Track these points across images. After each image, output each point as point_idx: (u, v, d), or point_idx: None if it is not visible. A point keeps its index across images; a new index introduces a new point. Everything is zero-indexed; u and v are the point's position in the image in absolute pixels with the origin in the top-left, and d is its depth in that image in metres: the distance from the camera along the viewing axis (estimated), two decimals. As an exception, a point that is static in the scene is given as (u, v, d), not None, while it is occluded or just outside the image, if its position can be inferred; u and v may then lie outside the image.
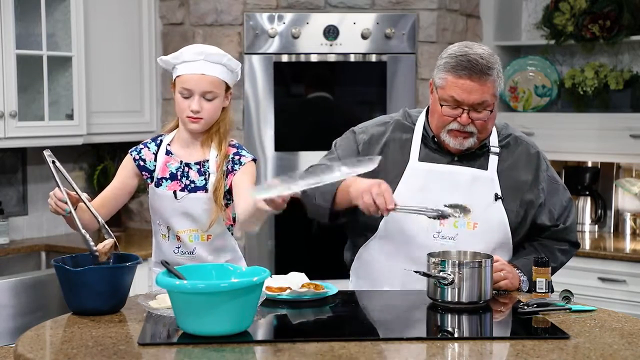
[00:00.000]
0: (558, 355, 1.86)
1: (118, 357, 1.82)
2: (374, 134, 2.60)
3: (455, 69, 2.39)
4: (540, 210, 2.56)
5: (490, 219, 2.49)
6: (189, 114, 2.50)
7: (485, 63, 2.38)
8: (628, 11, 4.31)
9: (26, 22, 3.83)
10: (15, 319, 3.42)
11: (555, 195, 2.60)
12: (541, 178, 2.56)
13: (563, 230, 2.62)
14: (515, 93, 4.71)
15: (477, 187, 2.50)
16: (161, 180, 2.56)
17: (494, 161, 2.53)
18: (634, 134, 4.21)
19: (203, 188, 2.53)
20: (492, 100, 2.43)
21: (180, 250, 2.58)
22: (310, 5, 4.21)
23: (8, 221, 4.02)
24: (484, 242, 2.47)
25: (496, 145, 2.55)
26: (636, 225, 4.44)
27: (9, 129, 3.68)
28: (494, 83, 2.41)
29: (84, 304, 2.16)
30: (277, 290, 2.33)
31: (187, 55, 2.51)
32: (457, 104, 2.42)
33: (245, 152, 2.59)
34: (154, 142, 2.62)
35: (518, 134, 2.63)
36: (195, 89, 2.49)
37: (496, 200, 2.49)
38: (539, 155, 2.60)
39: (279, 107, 4.20)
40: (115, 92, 4.21)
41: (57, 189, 2.39)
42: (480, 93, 2.39)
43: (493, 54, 2.45)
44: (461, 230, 2.47)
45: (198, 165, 2.56)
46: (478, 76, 2.37)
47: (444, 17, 4.31)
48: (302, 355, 1.84)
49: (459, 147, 2.48)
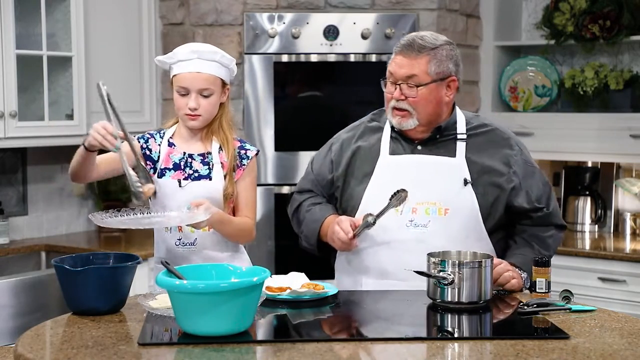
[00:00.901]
0: (558, 355, 1.86)
1: (118, 357, 1.82)
2: (345, 139, 2.73)
3: (396, 47, 2.58)
4: (516, 194, 2.59)
5: (461, 204, 2.53)
6: (187, 111, 2.57)
7: (421, 42, 2.52)
8: (628, 11, 4.31)
9: (26, 22, 3.83)
10: (15, 319, 3.42)
11: (532, 178, 2.63)
12: (512, 162, 2.60)
13: (547, 215, 2.65)
14: (515, 93, 4.72)
15: (445, 173, 2.56)
16: (164, 171, 2.60)
17: (461, 147, 2.59)
18: (634, 134, 4.21)
19: (207, 177, 2.59)
20: (424, 77, 2.52)
21: (181, 242, 2.60)
22: (310, 5, 4.21)
23: (8, 221, 4.02)
24: (456, 227, 2.52)
25: (463, 132, 2.61)
26: (636, 225, 4.44)
27: (9, 129, 3.68)
28: (428, 62, 2.51)
29: (84, 304, 2.16)
30: (277, 290, 2.33)
31: (181, 55, 2.58)
32: (392, 78, 2.55)
33: (248, 145, 2.69)
34: (158, 134, 2.67)
35: (488, 122, 2.69)
36: (191, 87, 2.56)
37: (465, 184, 2.54)
38: (510, 140, 2.64)
39: (279, 107, 4.21)
40: (115, 92, 4.17)
41: (108, 123, 2.37)
42: (410, 67, 2.52)
43: (442, 40, 2.56)
44: (433, 217, 2.52)
45: (201, 156, 2.62)
46: (409, 52, 2.52)
47: (444, 17, 4.31)
48: (302, 355, 1.84)
49: (399, 126, 2.57)
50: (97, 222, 2.37)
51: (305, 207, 2.74)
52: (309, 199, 2.75)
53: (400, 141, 2.63)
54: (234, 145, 2.64)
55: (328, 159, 2.73)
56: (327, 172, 2.72)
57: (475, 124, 2.65)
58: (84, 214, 4.42)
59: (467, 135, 2.61)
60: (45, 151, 4.18)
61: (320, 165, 2.75)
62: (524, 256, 2.56)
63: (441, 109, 2.59)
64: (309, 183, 2.77)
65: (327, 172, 2.72)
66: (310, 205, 2.73)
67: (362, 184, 2.60)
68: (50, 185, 4.27)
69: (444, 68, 2.54)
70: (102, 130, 2.35)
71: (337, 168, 2.68)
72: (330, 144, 2.77)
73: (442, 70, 2.53)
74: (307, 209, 2.72)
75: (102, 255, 2.33)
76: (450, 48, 2.56)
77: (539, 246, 2.62)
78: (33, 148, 4.10)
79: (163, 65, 2.64)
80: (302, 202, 2.76)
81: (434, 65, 2.52)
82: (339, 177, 2.67)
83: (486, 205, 2.55)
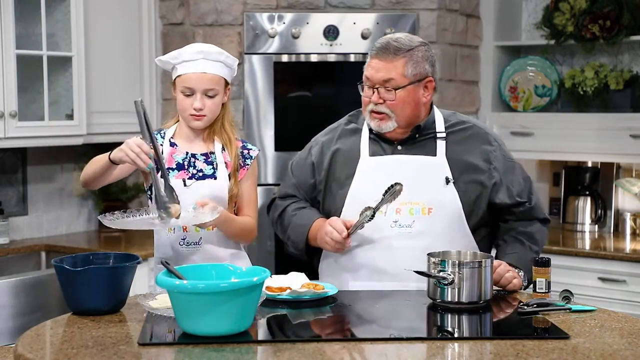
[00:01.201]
0: (558, 355, 1.86)
1: (118, 357, 1.82)
2: (324, 142, 2.71)
3: (371, 51, 2.57)
4: (497, 189, 2.59)
5: (443, 202, 2.53)
6: (192, 111, 2.57)
7: (396, 45, 2.52)
8: (628, 11, 4.31)
9: (26, 22, 3.83)
10: (15, 319, 3.42)
11: (512, 173, 2.63)
12: (492, 158, 2.60)
13: (530, 209, 2.65)
14: (515, 93, 4.72)
15: (426, 173, 2.55)
16: (168, 171, 2.57)
17: (441, 146, 2.58)
18: (634, 134, 4.21)
19: (212, 176, 2.60)
20: (401, 80, 2.51)
21: (185, 242, 2.60)
22: (310, 5, 4.21)
23: (8, 221, 4.02)
24: (440, 226, 2.52)
25: (442, 131, 2.60)
26: (636, 225, 4.44)
27: (9, 129, 3.68)
28: (405, 65, 2.51)
29: (84, 304, 2.16)
30: (277, 290, 2.33)
31: (186, 55, 2.57)
32: (369, 82, 2.54)
33: (249, 144, 2.71)
34: (158, 134, 2.65)
35: (466, 119, 2.69)
36: (197, 87, 2.55)
37: (447, 183, 2.54)
38: (488, 136, 2.64)
39: (279, 107, 4.20)
40: (115, 92, 4.20)
41: (143, 141, 2.37)
42: (386, 71, 2.51)
43: (417, 41, 2.55)
44: (417, 217, 2.52)
45: (204, 156, 2.62)
46: (385, 55, 2.51)
47: (444, 17, 4.31)
48: (302, 355, 1.84)
49: (378, 129, 2.57)
50: (106, 224, 2.37)
51: (289, 212, 2.71)
52: (293, 204, 2.72)
53: (379, 142, 2.62)
54: (237, 145, 2.65)
55: (309, 163, 2.70)
56: (308, 177, 2.70)
57: (453, 121, 2.64)
58: (84, 214, 4.42)
59: (446, 133, 2.60)
60: (45, 151, 4.19)
61: (300, 169, 2.73)
62: (517, 254, 2.57)
63: (419, 110, 2.58)
64: (291, 188, 2.75)
65: (308, 177, 2.70)
66: (295, 210, 2.70)
67: (343, 187, 2.59)
68: (50, 185, 4.27)
69: (421, 69, 2.53)
70: (136, 148, 2.35)
71: (319, 172, 2.67)
72: (309, 147, 2.75)
73: (418, 72, 2.53)
74: (293, 214, 2.69)
75: (102, 255, 2.33)
76: (425, 49, 2.56)
77: (529, 242, 2.62)
78: (33, 148, 4.10)
79: (165, 65, 2.63)
80: (285, 208, 2.73)
81: (411, 67, 2.51)
82: (321, 181, 2.66)
83: (469, 202, 2.55)
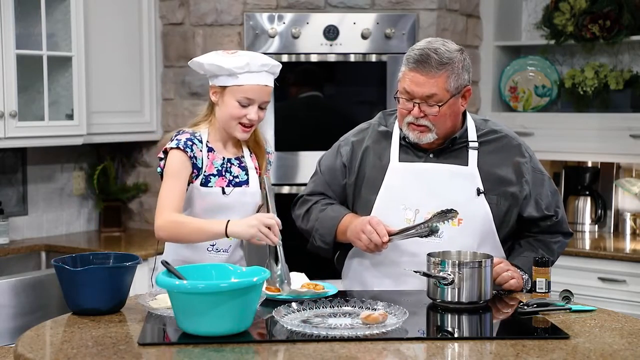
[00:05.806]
0: (558, 355, 1.86)
1: (118, 357, 1.83)
2: (355, 142, 2.66)
3: (409, 62, 2.46)
4: (526, 203, 2.57)
5: (474, 213, 2.50)
6: (245, 121, 2.53)
7: (437, 58, 2.42)
8: (628, 11, 4.31)
9: (26, 22, 3.83)
10: (15, 319, 3.42)
11: (541, 186, 2.61)
12: (524, 170, 2.56)
13: (556, 223, 2.63)
14: (515, 93, 4.71)
15: (458, 183, 2.51)
16: (209, 177, 2.54)
17: (473, 156, 2.54)
18: (634, 134, 4.21)
19: (246, 182, 2.60)
20: (444, 95, 2.44)
21: (215, 248, 2.58)
22: (310, 5, 4.21)
23: (8, 221, 4.02)
24: (470, 237, 2.49)
25: (475, 140, 2.56)
26: (636, 225, 4.44)
27: (9, 129, 3.68)
28: (447, 79, 2.44)
29: (84, 304, 2.16)
30: (277, 290, 2.33)
31: (253, 67, 2.51)
32: (408, 96, 2.47)
33: (268, 147, 2.72)
34: (195, 139, 2.55)
35: (498, 128, 2.63)
36: (258, 99, 2.53)
37: (478, 194, 2.51)
38: (521, 147, 2.60)
39: (279, 107, 4.20)
40: (115, 92, 4.20)
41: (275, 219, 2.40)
42: (429, 86, 2.43)
43: (454, 51, 2.47)
44: (447, 227, 2.47)
45: (237, 160, 2.61)
46: (427, 70, 2.42)
47: (444, 17, 4.31)
48: (302, 355, 1.84)
49: (417, 140, 2.51)
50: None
51: (319, 206, 2.67)
52: (322, 200, 2.69)
53: (410, 148, 2.57)
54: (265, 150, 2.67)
55: (339, 163, 2.67)
56: (340, 177, 2.67)
57: (485, 130, 2.59)
58: (84, 214, 4.42)
59: (479, 142, 2.56)
60: (45, 151, 4.19)
61: (331, 169, 2.69)
62: (527, 258, 2.54)
63: (457, 120, 2.54)
64: (320, 186, 2.71)
65: (340, 177, 2.67)
66: (325, 204, 2.67)
67: (373, 192, 2.55)
68: (50, 185, 4.27)
69: (462, 81, 2.47)
70: (265, 230, 2.38)
71: (349, 174, 2.64)
72: (338, 147, 2.71)
73: (460, 84, 2.47)
74: (322, 208, 2.66)
75: (102, 255, 2.33)
76: (463, 57, 2.48)
77: (544, 251, 2.59)
78: (33, 148, 4.10)
79: (221, 71, 2.51)
80: (315, 203, 2.69)
81: (453, 80, 2.44)
82: (351, 184, 2.63)
83: (500, 215, 2.53)
